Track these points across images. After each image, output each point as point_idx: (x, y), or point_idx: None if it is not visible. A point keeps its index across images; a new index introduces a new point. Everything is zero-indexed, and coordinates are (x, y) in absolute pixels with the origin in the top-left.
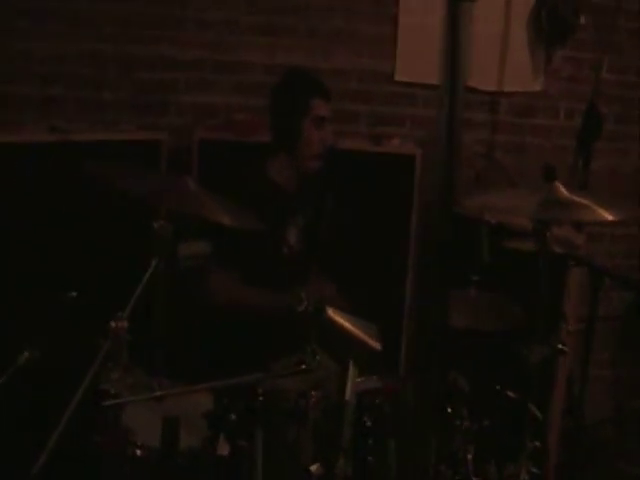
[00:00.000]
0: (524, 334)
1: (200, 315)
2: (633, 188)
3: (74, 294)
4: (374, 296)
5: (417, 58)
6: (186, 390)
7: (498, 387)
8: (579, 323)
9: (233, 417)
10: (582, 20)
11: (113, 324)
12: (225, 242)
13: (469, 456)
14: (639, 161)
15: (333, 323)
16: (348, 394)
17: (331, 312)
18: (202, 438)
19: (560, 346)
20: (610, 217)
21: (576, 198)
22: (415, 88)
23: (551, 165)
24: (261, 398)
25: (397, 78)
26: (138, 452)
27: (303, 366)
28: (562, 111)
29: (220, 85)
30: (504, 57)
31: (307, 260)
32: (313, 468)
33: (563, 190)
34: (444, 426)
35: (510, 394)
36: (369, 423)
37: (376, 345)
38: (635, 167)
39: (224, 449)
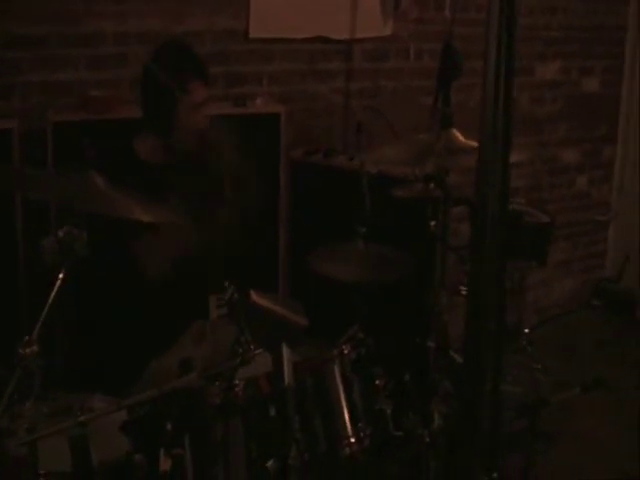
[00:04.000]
0: (413, 281)
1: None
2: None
3: None
4: (248, 256)
5: (271, 13)
6: (112, 409)
7: (417, 339)
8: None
9: (169, 426)
10: None
11: (21, 351)
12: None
13: (388, 411)
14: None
15: (259, 308)
16: (287, 378)
17: (255, 297)
18: (119, 452)
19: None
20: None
21: (474, 143)
22: (271, 44)
23: (448, 112)
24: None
25: (252, 35)
26: None
27: (238, 359)
28: (412, 53)
29: (69, 60)
30: (355, 4)
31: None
32: (269, 464)
33: (460, 136)
34: (364, 387)
35: (430, 344)
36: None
37: (303, 321)
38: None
39: (166, 464)
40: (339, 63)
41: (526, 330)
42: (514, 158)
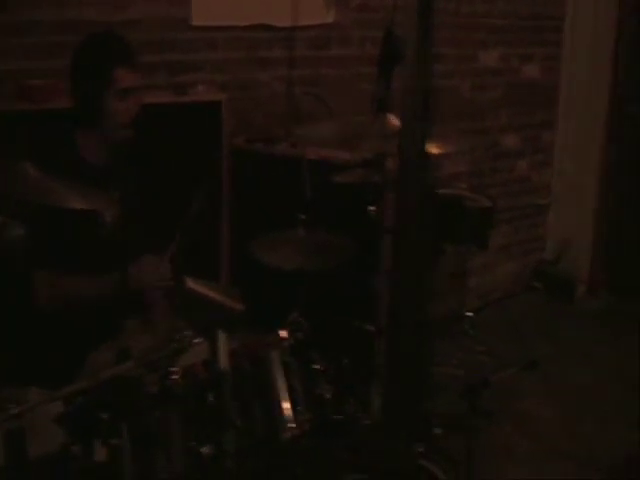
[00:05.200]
0: (354, 266)
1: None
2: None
3: None
4: (190, 247)
5: (212, 1)
6: (46, 400)
7: (356, 322)
8: None
9: (106, 417)
10: None
11: None
12: (38, 227)
13: (328, 396)
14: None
15: (194, 294)
16: (223, 364)
17: (191, 283)
18: (55, 445)
19: None
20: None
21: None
22: (213, 32)
23: (382, 97)
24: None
25: (194, 23)
26: None
27: (175, 345)
28: (354, 40)
29: (6, 49)
30: None
31: (130, 237)
32: (203, 450)
33: (396, 121)
34: (303, 372)
35: (370, 328)
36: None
37: (239, 307)
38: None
39: (101, 454)
40: (281, 51)
41: (469, 314)
42: (453, 147)
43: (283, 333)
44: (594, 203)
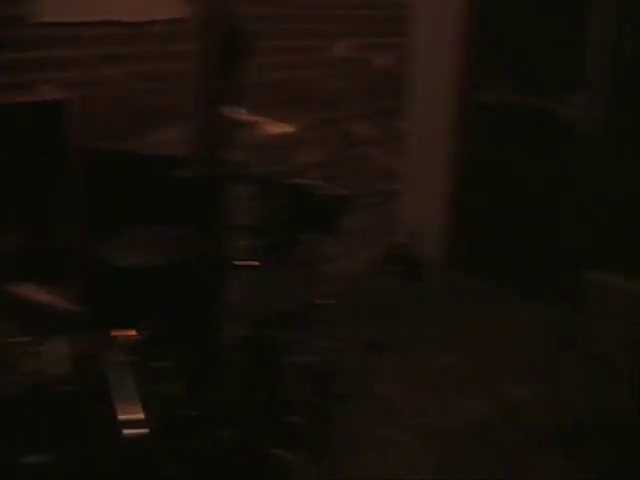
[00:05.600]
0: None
1: None
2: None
3: None
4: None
5: None
6: None
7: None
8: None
9: None
10: None
11: None
12: None
13: (179, 393)
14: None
15: (22, 299)
16: (62, 367)
17: (16, 289)
18: None
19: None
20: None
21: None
22: (59, 29)
23: (219, 89)
24: None
25: (39, 20)
26: None
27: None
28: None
29: None
30: None
31: None
32: (30, 459)
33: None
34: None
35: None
36: None
37: (72, 308)
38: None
39: None
40: (131, 47)
41: (327, 301)
42: (282, 129)
43: (129, 332)
44: (444, 188)
